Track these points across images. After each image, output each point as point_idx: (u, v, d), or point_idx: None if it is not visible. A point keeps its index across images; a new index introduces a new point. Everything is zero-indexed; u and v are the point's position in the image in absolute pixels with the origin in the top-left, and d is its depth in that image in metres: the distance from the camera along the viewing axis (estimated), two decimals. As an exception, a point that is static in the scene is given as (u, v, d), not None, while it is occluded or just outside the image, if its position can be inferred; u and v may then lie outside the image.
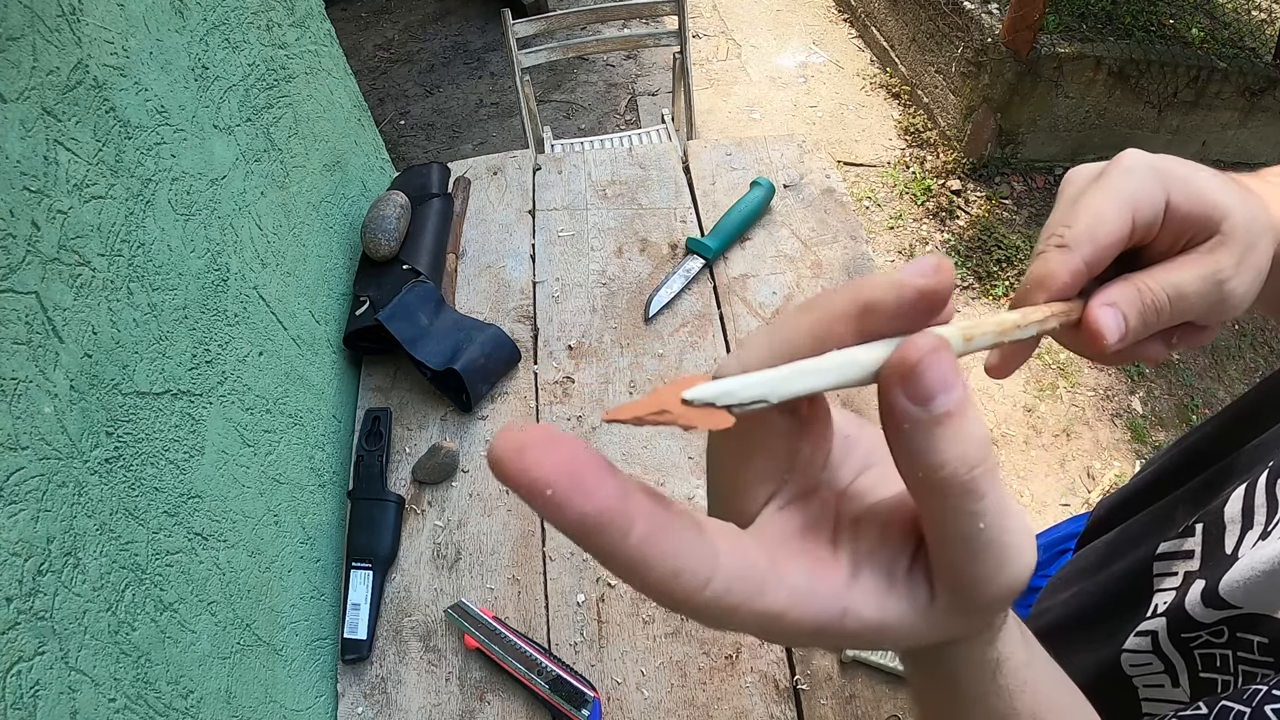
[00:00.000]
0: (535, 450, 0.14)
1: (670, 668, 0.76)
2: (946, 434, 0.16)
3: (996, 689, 0.23)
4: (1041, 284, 0.25)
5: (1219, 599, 0.36)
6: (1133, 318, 0.25)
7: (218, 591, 0.64)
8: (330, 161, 0.99)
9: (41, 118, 0.50)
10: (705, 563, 0.16)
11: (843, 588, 0.18)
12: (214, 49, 0.73)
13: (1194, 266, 0.26)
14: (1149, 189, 0.26)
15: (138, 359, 0.57)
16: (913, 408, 0.17)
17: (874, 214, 2.31)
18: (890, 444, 0.18)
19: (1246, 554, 0.36)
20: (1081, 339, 0.26)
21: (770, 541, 0.19)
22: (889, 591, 0.19)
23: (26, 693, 0.43)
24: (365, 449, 0.90)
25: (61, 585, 0.47)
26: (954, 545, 0.18)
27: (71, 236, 0.52)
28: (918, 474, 0.17)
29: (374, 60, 2.83)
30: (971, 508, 0.17)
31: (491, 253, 1.08)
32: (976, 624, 0.20)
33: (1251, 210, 0.26)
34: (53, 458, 0.47)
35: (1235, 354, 2.04)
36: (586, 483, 0.14)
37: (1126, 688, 0.41)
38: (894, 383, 0.17)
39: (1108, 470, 1.80)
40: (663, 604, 0.16)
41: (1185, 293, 0.26)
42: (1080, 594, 0.50)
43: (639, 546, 0.15)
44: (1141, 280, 0.26)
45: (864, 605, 0.18)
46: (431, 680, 0.77)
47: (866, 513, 0.21)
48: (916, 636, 0.19)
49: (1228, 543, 0.38)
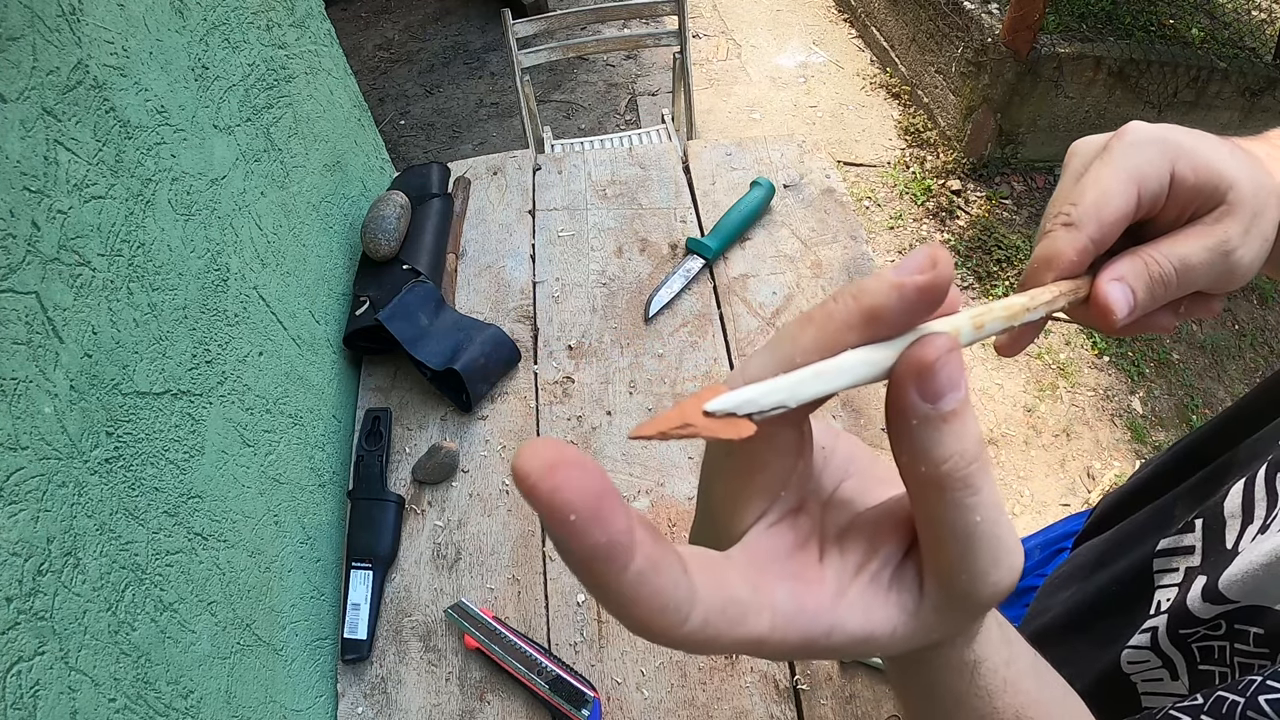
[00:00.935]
0: (565, 471, 0.14)
1: (670, 668, 0.76)
2: (952, 430, 0.17)
3: (975, 690, 0.23)
4: (1049, 264, 0.26)
5: (1219, 594, 0.36)
6: (1140, 291, 0.26)
7: (218, 591, 0.64)
8: (330, 161, 0.99)
9: (41, 118, 0.50)
10: (685, 599, 0.16)
11: (828, 605, 0.19)
12: (214, 49, 0.73)
13: (1200, 238, 0.26)
14: (1154, 162, 0.26)
15: (138, 359, 0.57)
16: (923, 405, 0.17)
17: (874, 214, 2.31)
18: (894, 439, 0.18)
19: (1246, 548, 0.36)
20: (1091, 315, 0.26)
21: (758, 560, 0.19)
22: (875, 602, 0.19)
23: (26, 692, 0.43)
24: (365, 449, 0.90)
25: (61, 585, 0.47)
26: (951, 541, 0.18)
27: (71, 236, 0.52)
28: (920, 469, 0.18)
29: (374, 60, 2.83)
30: (969, 501, 0.18)
31: (491, 253, 1.08)
32: (963, 624, 0.20)
33: (1257, 178, 0.26)
34: (53, 458, 0.47)
35: (1235, 354, 2.04)
36: (604, 512, 0.14)
37: (1125, 685, 0.41)
38: (908, 381, 0.17)
39: (1108, 470, 1.80)
40: (641, 635, 0.16)
41: (1192, 264, 0.26)
42: (1080, 593, 0.50)
43: (632, 582, 0.15)
44: (1148, 253, 0.26)
45: (849, 620, 0.19)
46: (431, 680, 0.77)
47: (853, 523, 0.21)
48: (901, 643, 0.19)
49: (1228, 538, 0.38)
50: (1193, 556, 0.40)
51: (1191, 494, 0.45)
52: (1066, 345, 2.02)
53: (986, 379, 1.94)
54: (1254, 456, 0.41)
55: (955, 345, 0.17)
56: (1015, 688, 0.23)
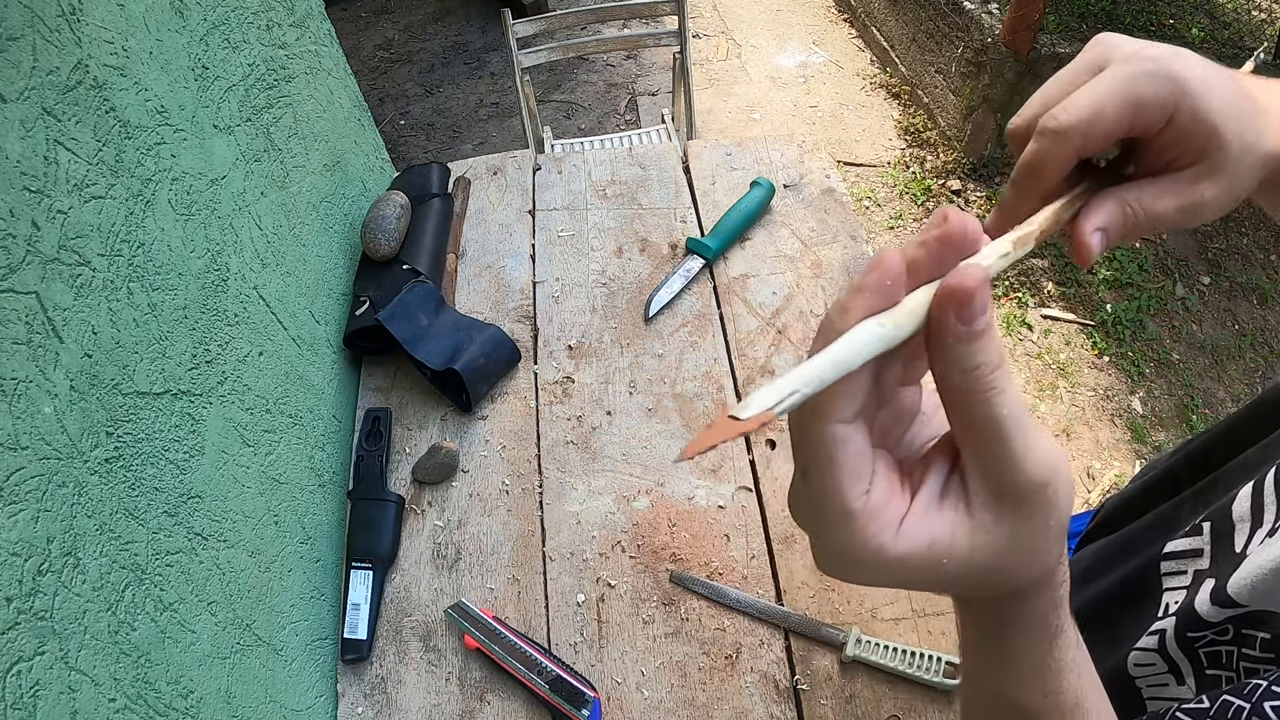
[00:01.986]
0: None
1: (670, 668, 0.76)
2: (981, 344, 0.21)
3: (1051, 663, 0.25)
4: (1034, 173, 0.28)
5: (1227, 598, 0.36)
6: (1115, 238, 0.29)
7: (218, 591, 0.64)
8: (330, 161, 0.99)
9: (41, 118, 0.50)
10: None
11: (899, 511, 0.23)
12: (214, 49, 0.73)
13: (1177, 197, 0.28)
14: (1159, 96, 0.27)
15: (138, 359, 0.57)
16: (960, 326, 0.21)
17: (874, 214, 2.31)
18: (933, 354, 0.22)
19: (1255, 552, 0.36)
20: (1068, 248, 0.29)
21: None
22: (930, 509, 0.23)
23: (26, 693, 0.43)
24: (365, 449, 0.90)
25: (61, 585, 0.47)
26: (983, 430, 0.22)
27: (71, 236, 0.52)
28: (955, 377, 0.22)
29: (374, 60, 2.83)
30: (997, 398, 0.22)
31: (491, 253, 1.08)
32: (1018, 531, 0.23)
33: (1245, 140, 0.28)
34: (53, 458, 0.47)
35: (1236, 354, 2.04)
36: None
37: (1130, 689, 0.41)
38: (949, 306, 0.21)
39: (1108, 470, 1.80)
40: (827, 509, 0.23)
41: (1164, 219, 0.29)
42: (1086, 595, 0.50)
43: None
44: (1128, 202, 0.28)
45: (916, 530, 0.22)
46: (431, 680, 0.77)
47: (915, 457, 0.26)
48: (964, 556, 0.23)
49: (1236, 541, 0.38)
50: (1201, 559, 0.40)
51: (1199, 497, 0.45)
52: (1066, 345, 2.02)
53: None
54: (1262, 460, 0.41)
55: (987, 275, 0.21)
56: (1079, 672, 0.26)
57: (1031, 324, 2.05)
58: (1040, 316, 2.07)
